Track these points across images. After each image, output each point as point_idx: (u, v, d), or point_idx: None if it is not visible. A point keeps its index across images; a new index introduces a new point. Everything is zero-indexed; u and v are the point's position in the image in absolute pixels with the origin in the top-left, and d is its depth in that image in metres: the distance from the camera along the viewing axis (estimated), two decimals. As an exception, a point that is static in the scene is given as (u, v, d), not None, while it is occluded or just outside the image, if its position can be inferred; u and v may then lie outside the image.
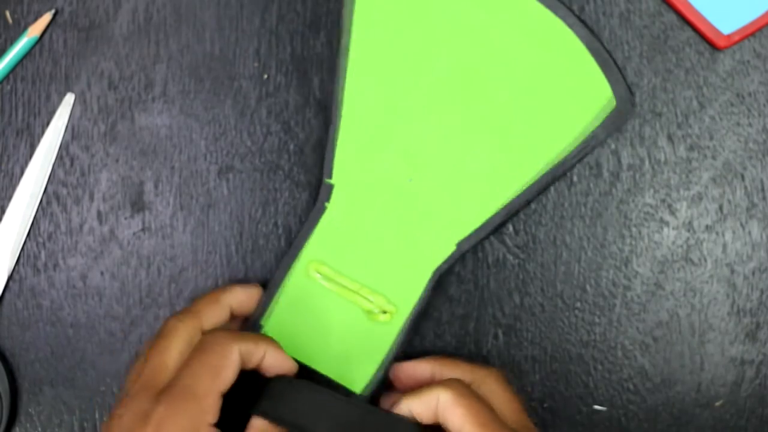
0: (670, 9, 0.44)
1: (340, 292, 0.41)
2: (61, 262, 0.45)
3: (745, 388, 0.44)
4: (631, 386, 0.44)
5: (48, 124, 0.45)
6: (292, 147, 0.45)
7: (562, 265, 0.44)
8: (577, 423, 0.44)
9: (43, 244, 0.45)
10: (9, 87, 0.46)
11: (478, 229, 0.41)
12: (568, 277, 0.44)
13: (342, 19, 0.42)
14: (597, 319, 0.44)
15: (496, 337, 0.44)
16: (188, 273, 0.45)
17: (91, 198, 0.45)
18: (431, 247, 0.41)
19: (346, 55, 0.42)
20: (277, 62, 0.45)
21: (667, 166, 0.44)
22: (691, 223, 0.44)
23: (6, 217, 0.45)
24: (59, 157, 0.45)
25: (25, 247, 0.45)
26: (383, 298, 0.41)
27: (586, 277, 0.44)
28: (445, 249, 0.41)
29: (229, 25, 0.45)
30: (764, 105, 0.44)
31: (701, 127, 0.44)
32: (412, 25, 0.42)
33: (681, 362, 0.44)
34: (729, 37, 0.43)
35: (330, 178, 0.42)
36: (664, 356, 0.44)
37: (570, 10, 0.41)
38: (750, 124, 0.44)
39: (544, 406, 0.44)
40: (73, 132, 0.45)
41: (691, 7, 0.43)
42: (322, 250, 0.41)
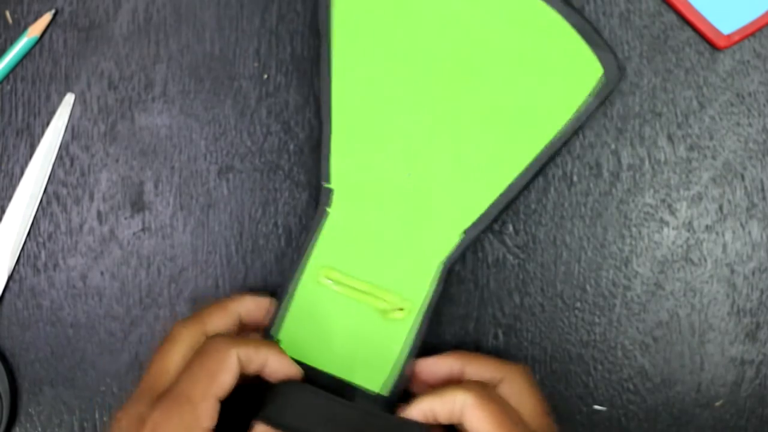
0: (670, 9, 0.44)
1: (352, 295, 0.41)
2: (61, 262, 0.45)
3: (745, 388, 0.44)
4: (631, 386, 0.44)
5: (48, 124, 0.45)
6: (292, 147, 0.45)
7: (562, 265, 0.44)
8: (577, 423, 0.44)
9: (43, 244, 0.45)
10: (9, 87, 0.46)
11: (483, 215, 0.41)
12: (568, 277, 0.44)
13: (319, 21, 0.42)
14: (597, 319, 0.44)
15: (496, 337, 0.44)
16: (188, 273, 0.45)
17: (91, 198, 0.45)
18: (438, 238, 0.41)
19: (329, 57, 0.41)
20: (277, 62, 0.45)
21: (667, 166, 0.44)
22: (691, 223, 0.44)
23: (6, 217, 0.45)
24: (59, 157, 0.45)
25: (25, 247, 0.45)
26: (396, 296, 0.41)
27: (586, 277, 0.44)
28: (452, 239, 0.41)
29: (229, 25, 0.45)
30: (764, 105, 0.44)
31: (701, 127, 0.44)
32: (393, 21, 0.41)
33: (681, 362, 0.44)
34: (729, 37, 0.43)
35: (328, 182, 0.42)
36: (664, 356, 0.44)
37: None
38: (750, 124, 0.44)
39: (544, 406, 0.44)
40: (73, 132, 0.45)
41: (691, 7, 0.43)
42: (330, 256, 0.41)
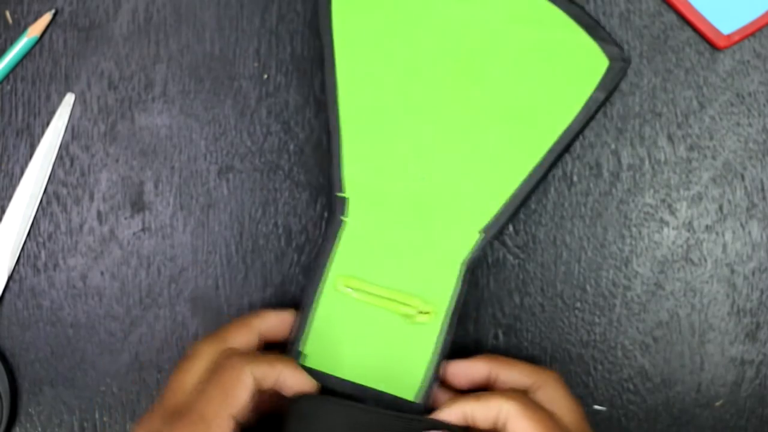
0: (670, 9, 0.44)
1: (375, 302, 0.40)
2: (61, 262, 0.45)
3: (745, 388, 0.44)
4: (631, 386, 0.44)
5: (48, 124, 0.45)
6: (292, 147, 0.45)
7: (562, 265, 0.44)
8: (577, 423, 0.44)
9: (43, 244, 0.45)
10: (9, 87, 0.46)
11: (500, 212, 0.41)
12: (568, 277, 0.44)
13: (320, 26, 0.41)
14: (597, 319, 0.44)
15: (496, 337, 0.44)
16: (188, 273, 0.45)
17: (91, 198, 0.45)
18: (457, 238, 0.41)
19: (332, 66, 0.41)
20: (277, 62, 0.45)
21: (667, 166, 0.44)
22: (691, 223, 0.44)
23: (6, 217, 0.45)
24: (59, 157, 0.45)
25: (25, 247, 0.45)
26: (419, 299, 0.40)
27: (586, 277, 0.44)
28: (471, 238, 0.41)
29: (229, 25, 0.45)
30: (764, 105, 0.44)
31: (701, 127, 0.44)
32: (394, 21, 0.41)
33: (681, 362, 0.44)
34: (729, 37, 0.43)
35: (342, 191, 0.41)
36: (664, 356, 0.44)
37: None
38: (750, 124, 0.44)
39: (544, 406, 0.44)
40: (73, 132, 0.45)
41: (691, 7, 0.43)
42: (349, 265, 0.41)
